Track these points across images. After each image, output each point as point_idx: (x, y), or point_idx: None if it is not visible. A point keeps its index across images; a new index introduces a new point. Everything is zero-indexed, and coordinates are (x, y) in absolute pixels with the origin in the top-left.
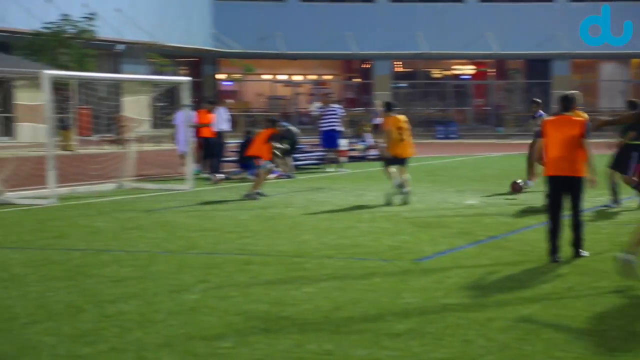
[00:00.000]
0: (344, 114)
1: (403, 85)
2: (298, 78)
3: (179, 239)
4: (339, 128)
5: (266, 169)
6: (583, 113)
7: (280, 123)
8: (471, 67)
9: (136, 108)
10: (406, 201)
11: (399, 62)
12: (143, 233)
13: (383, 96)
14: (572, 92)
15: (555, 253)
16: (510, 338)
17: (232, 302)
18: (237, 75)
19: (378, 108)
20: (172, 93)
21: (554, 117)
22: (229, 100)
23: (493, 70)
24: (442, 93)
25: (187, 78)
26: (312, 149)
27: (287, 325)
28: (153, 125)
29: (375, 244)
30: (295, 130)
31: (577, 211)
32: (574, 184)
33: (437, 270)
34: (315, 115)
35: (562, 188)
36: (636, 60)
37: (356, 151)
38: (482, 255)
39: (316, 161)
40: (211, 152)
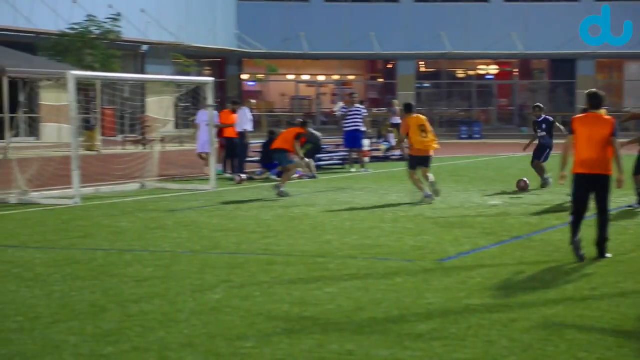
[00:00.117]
0: (367, 115)
1: (427, 85)
2: (321, 78)
3: (202, 239)
4: (363, 128)
5: (298, 165)
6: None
7: (309, 127)
8: (495, 67)
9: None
10: (438, 194)
11: (423, 62)
12: (166, 233)
13: (407, 96)
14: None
15: (576, 236)
16: (533, 339)
17: (255, 302)
18: (261, 75)
19: (396, 107)
20: (196, 93)
21: (583, 115)
22: (253, 100)
23: (517, 70)
24: (466, 93)
25: (211, 78)
26: (335, 149)
27: (309, 325)
28: (177, 125)
29: (398, 244)
30: (317, 134)
31: (604, 210)
32: (602, 183)
33: (460, 270)
34: (339, 115)
35: (590, 186)
36: None
37: (379, 151)
38: (506, 255)
39: (339, 161)
40: (234, 153)
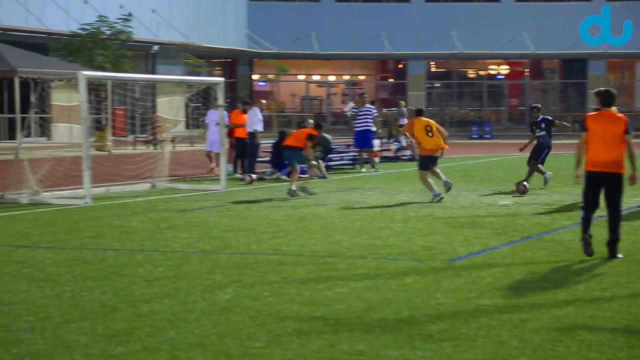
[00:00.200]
0: (378, 115)
1: (437, 85)
2: (332, 78)
3: (212, 239)
4: (373, 128)
5: (315, 165)
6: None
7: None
8: (506, 67)
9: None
10: (449, 187)
11: (433, 62)
12: (176, 233)
13: (417, 96)
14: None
15: (586, 232)
16: (544, 339)
17: (265, 302)
18: (271, 75)
19: (403, 108)
20: (207, 94)
21: (596, 113)
22: (263, 100)
23: (528, 70)
24: (477, 93)
25: (222, 79)
26: (346, 150)
27: (320, 325)
28: (187, 125)
29: (408, 245)
30: (328, 137)
31: (616, 210)
32: (615, 181)
33: (471, 270)
34: (349, 115)
35: (602, 184)
36: None
37: (390, 151)
38: (516, 255)
39: (349, 161)
40: (244, 153)
